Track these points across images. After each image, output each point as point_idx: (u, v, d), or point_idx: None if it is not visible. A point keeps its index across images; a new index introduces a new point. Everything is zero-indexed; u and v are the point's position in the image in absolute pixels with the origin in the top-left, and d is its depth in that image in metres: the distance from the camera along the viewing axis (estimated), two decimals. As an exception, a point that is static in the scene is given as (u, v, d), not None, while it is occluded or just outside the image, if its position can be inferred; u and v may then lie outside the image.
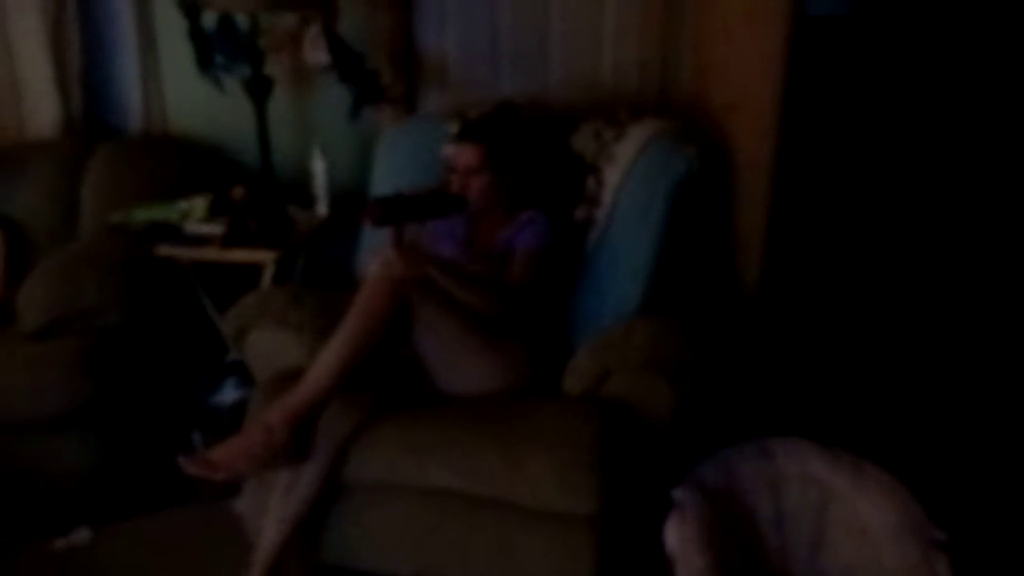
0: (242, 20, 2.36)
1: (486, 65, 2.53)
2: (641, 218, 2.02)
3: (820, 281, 2.18)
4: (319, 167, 2.46)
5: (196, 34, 2.35)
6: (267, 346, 2.01)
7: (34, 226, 2.51)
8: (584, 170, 2.16)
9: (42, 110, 2.66)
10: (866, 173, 2.09)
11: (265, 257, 2.28)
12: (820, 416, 2.04)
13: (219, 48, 2.38)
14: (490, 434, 1.69)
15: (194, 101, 2.64)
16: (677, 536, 1.65)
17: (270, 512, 1.73)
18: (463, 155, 2.02)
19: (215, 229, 2.30)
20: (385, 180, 2.32)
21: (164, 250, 2.29)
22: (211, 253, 2.28)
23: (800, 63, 2.04)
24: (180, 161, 2.61)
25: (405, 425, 1.75)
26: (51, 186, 2.52)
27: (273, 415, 1.68)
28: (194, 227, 2.32)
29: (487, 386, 1.85)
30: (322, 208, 2.49)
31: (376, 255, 1.82)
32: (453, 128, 2.21)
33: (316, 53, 2.39)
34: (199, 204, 2.33)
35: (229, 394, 2.32)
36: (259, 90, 2.40)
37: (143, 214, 2.34)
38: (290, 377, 1.81)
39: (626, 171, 2.08)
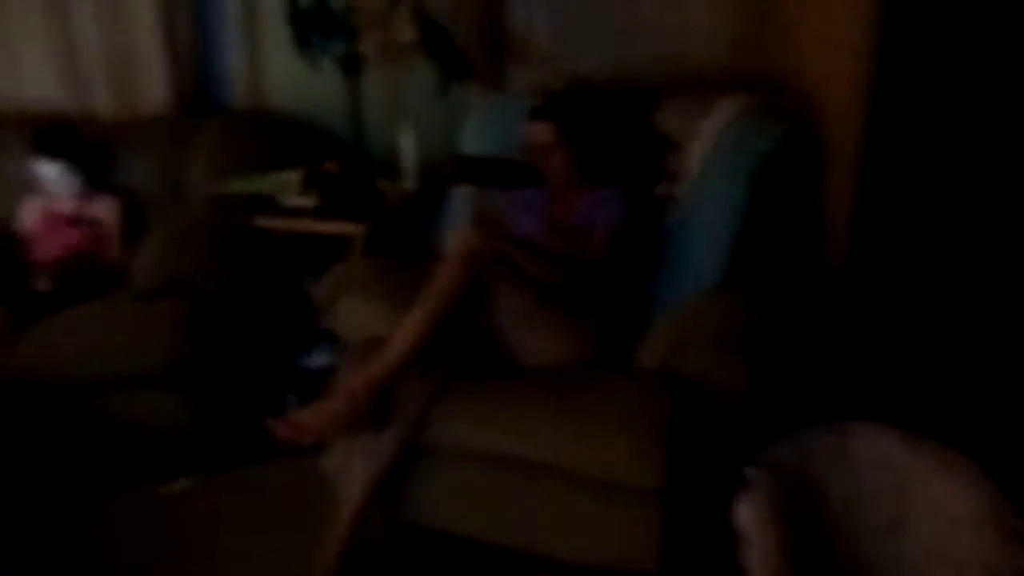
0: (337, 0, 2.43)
1: (574, 41, 2.52)
2: (724, 194, 2.00)
3: (909, 261, 2.10)
4: (408, 143, 2.51)
5: (295, 13, 2.42)
6: (354, 314, 2.09)
7: (147, 195, 2.67)
8: (664, 147, 2.15)
9: (155, 83, 2.82)
10: (959, 153, 2.00)
11: (355, 229, 2.35)
12: (904, 401, 1.99)
13: (315, 27, 2.45)
14: (561, 405, 1.72)
15: (292, 77, 2.73)
16: (748, 514, 1.63)
17: (354, 472, 1.81)
18: (537, 133, 2.07)
19: (308, 201, 2.38)
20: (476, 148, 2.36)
21: (261, 221, 2.40)
22: (304, 224, 2.37)
23: (893, 38, 1.97)
24: (278, 135, 2.72)
25: (479, 395, 1.80)
26: (162, 158, 2.67)
27: (357, 382, 1.76)
28: (289, 199, 2.41)
29: (558, 357, 1.88)
30: (410, 182, 2.54)
31: (455, 232, 1.87)
32: (535, 103, 2.23)
33: (405, 30, 2.44)
34: (293, 177, 2.41)
35: (320, 358, 2.42)
36: (352, 67, 2.47)
37: (241, 186, 2.44)
38: (375, 344, 1.88)
39: (710, 147, 2.07)
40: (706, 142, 2.08)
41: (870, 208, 2.10)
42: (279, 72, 2.81)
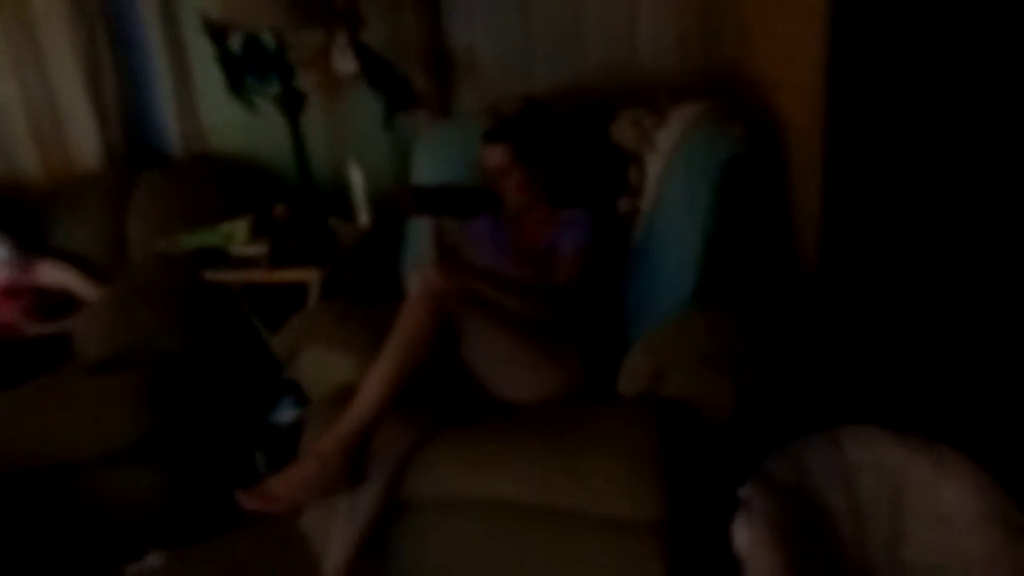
0: (268, 39, 2.38)
1: (519, 57, 2.51)
2: (688, 206, 1.99)
3: (883, 258, 2.11)
4: (357, 178, 2.47)
5: (224, 57, 2.37)
6: (318, 365, 2.04)
7: (88, 258, 2.59)
8: (624, 160, 2.13)
9: (84, 142, 2.76)
10: (926, 141, 2.01)
11: (311, 275, 2.31)
12: (890, 401, 1.99)
13: (249, 68, 2.41)
14: (548, 443, 1.68)
15: (230, 122, 2.69)
16: (746, 536, 1.62)
17: (334, 533, 1.75)
18: (491, 156, 2.05)
19: (259, 250, 2.34)
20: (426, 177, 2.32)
21: (212, 275, 2.34)
22: (257, 275, 2.32)
23: (846, 30, 1.98)
24: (220, 183, 2.66)
25: (461, 439, 1.76)
26: (101, 218, 2.61)
27: (325, 444, 1.70)
28: (239, 249, 2.36)
29: (541, 392, 1.85)
30: (363, 218, 2.50)
31: (416, 273, 1.83)
32: (485, 125, 2.21)
33: (344, 63, 2.39)
34: (240, 226, 2.36)
35: (287, 413, 2.36)
36: (292, 105, 2.43)
37: (188, 240, 2.39)
38: (343, 396, 1.83)
39: (669, 158, 2.05)
40: (665, 153, 2.06)
41: (838, 207, 2.10)
42: (216, 116, 2.77)
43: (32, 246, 2.56)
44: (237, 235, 2.37)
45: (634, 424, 1.69)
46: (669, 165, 2.05)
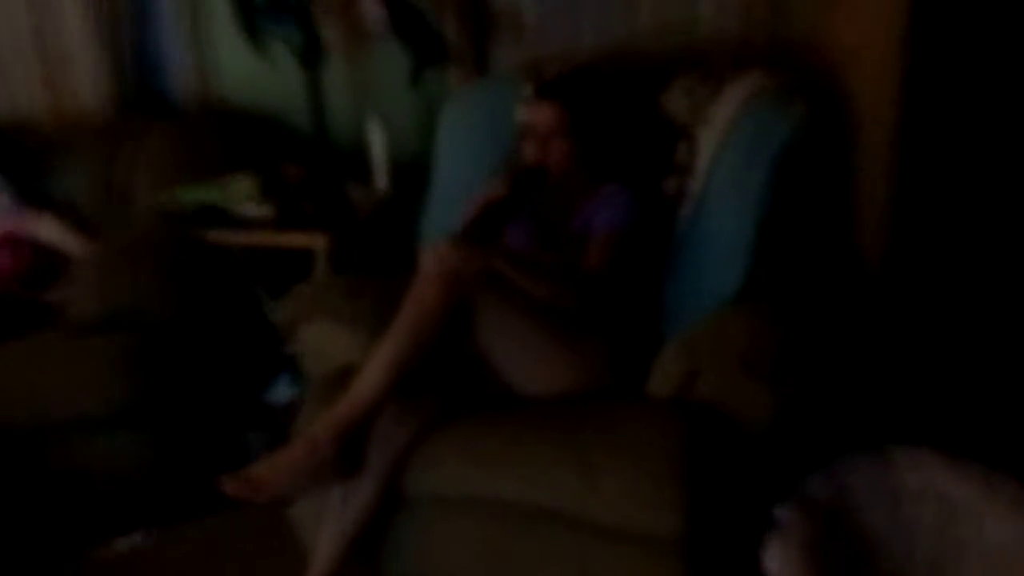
0: None
1: (566, 14, 2.49)
2: (740, 190, 1.98)
3: (957, 258, 2.08)
4: (378, 139, 2.49)
5: None
6: (321, 341, 2.06)
7: (86, 209, 2.64)
8: (674, 135, 2.12)
9: (90, 80, 2.79)
10: (1014, 127, 1.97)
11: (320, 241, 2.33)
12: (949, 421, 1.97)
13: (266, 11, 2.42)
14: (564, 442, 1.69)
15: (246, 71, 2.71)
16: (780, 560, 1.62)
17: (325, 526, 1.79)
18: (541, 114, 2.01)
19: (266, 211, 2.37)
20: (451, 151, 2.33)
21: (213, 235, 2.38)
22: (262, 238, 2.35)
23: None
24: (230, 136, 2.69)
25: (470, 432, 1.77)
26: (102, 166, 2.65)
27: (319, 428, 1.72)
28: (244, 209, 2.39)
29: (560, 386, 1.86)
30: (382, 183, 2.52)
31: (429, 247, 1.83)
32: (527, 88, 2.19)
33: (371, 11, 2.41)
34: (247, 183, 2.40)
35: (284, 391, 2.41)
36: (311, 56, 2.45)
37: (189, 195, 2.43)
38: (345, 377, 1.85)
39: (723, 135, 2.04)
40: (719, 129, 2.05)
41: (910, 199, 2.09)
42: (231, 65, 2.79)
43: (34, 196, 2.62)
44: (243, 192, 2.41)
45: (659, 427, 1.69)
46: (722, 143, 2.04)
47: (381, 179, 2.52)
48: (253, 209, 2.39)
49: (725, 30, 2.35)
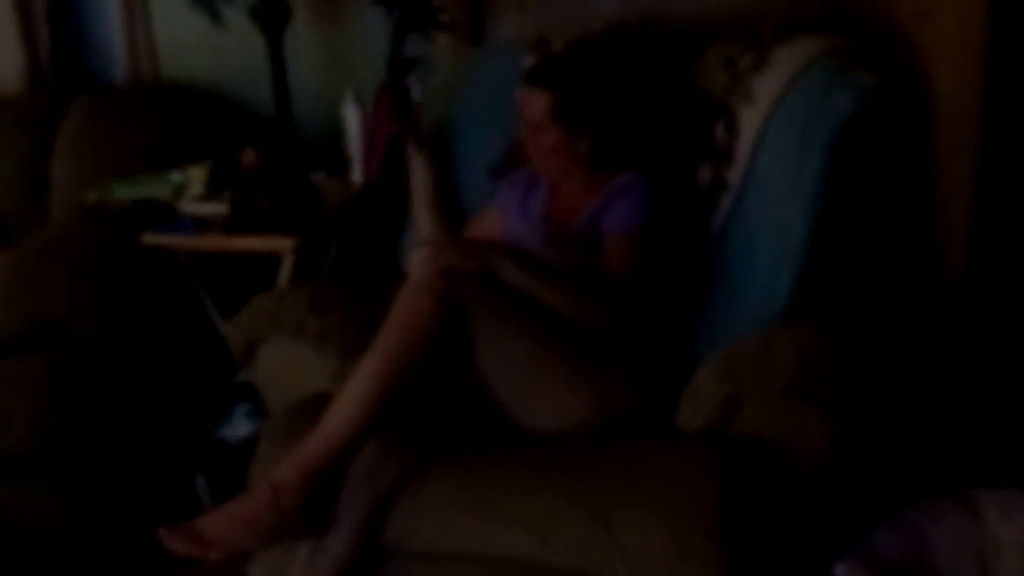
0: None
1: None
2: (790, 180, 1.97)
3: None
4: (353, 119, 2.50)
5: None
6: (281, 364, 2.07)
7: (5, 209, 2.67)
8: (710, 113, 2.12)
9: (3, 58, 2.81)
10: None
11: (283, 245, 2.33)
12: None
13: None
14: (575, 489, 1.68)
15: (192, 40, 2.75)
16: (840, 627, 1.61)
17: (289, 587, 1.77)
18: (528, 104, 2.03)
19: (217, 208, 2.37)
20: (442, 134, 2.35)
21: (151, 238, 2.37)
22: (212, 241, 2.35)
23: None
24: (174, 117, 2.72)
25: (463, 475, 1.76)
26: (15, 154, 2.67)
27: (283, 472, 1.70)
28: (191, 206, 2.40)
29: (573, 420, 1.85)
30: (358, 173, 2.53)
31: (419, 248, 1.83)
32: (528, 62, 2.21)
33: None
34: (196, 175, 2.41)
35: (240, 426, 2.39)
36: (273, 19, 2.47)
37: (125, 190, 2.43)
38: (312, 408, 1.84)
39: (769, 113, 2.05)
40: (764, 106, 2.06)
41: (997, 193, 2.09)
42: (174, 32, 2.82)
43: None
44: (191, 187, 2.42)
45: (691, 469, 1.68)
46: (768, 123, 2.04)
47: (357, 168, 2.53)
48: (202, 206, 2.40)
49: None
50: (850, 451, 1.71)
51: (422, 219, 2.19)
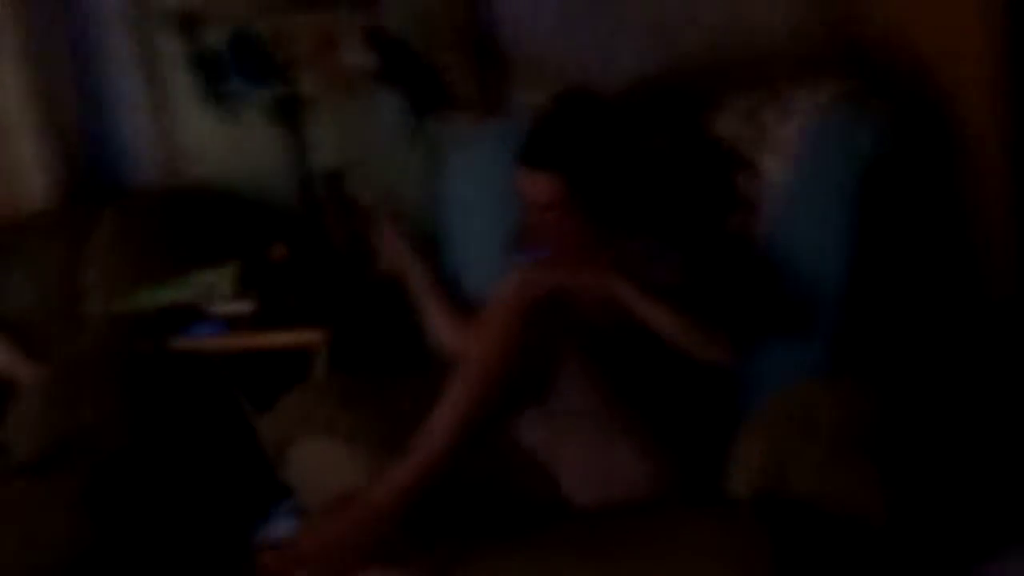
0: (257, 31, 2.46)
1: (596, 35, 2.51)
2: (821, 221, 1.96)
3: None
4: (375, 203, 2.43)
5: (199, 57, 2.46)
6: (313, 463, 2.04)
7: (36, 320, 2.66)
8: (731, 165, 2.09)
9: (33, 174, 2.85)
10: None
11: (313, 338, 2.32)
12: None
13: (235, 69, 2.48)
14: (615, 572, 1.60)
15: (215, 144, 2.79)
16: None
17: None
18: (531, 188, 1.92)
19: (245, 307, 2.38)
20: (458, 211, 2.33)
21: (179, 343, 2.39)
22: (240, 340, 2.37)
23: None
24: (201, 220, 2.74)
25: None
26: (50, 267, 2.69)
27: (377, 494, 1.67)
28: (220, 306, 2.40)
29: (624, 492, 1.78)
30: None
31: (508, 276, 1.81)
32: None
33: (357, 56, 2.45)
34: (224, 276, 2.41)
35: (281, 526, 2.31)
36: (292, 113, 2.50)
37: (152, 298, 2.44)
38: (346, 502, 1.75)
39: (793, 161, 2.02)
40: (786, 154, 2.03)
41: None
42: (198, 137, 2.85)
43: None
44: (219, 287, 2.42)
45: (739, 544, 1.58)
46: (792, 170, 2.02)
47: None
48: (230, 306, 2.40)
49: (787, 38, 2.34)
50: (908, 505, 1.62)
51: (430, 315, 2.15)
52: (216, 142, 2.76)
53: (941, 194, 2.11)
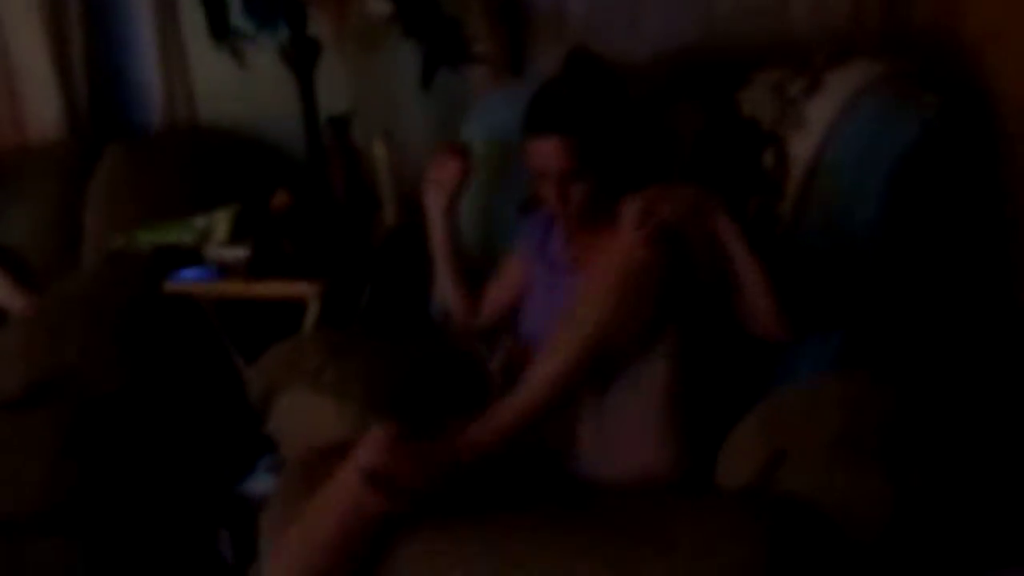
0: None
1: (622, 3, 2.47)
2: (849, 210, 1.91)
3: None
4: (382, 157, 2.47)
5: None
6: (298, 415, 2.02)
7: (34, 254, 2.69)
8: (757, 142, 2.04)
9: (41, 105, 2.87)
10: None
11: (307, 290, 2.30)
12: None
13: (247, 8, 2.45)
14: (600, 556, 1.54)
15: (228, 84, 2.77)
16: None
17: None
18: (542, 155, 1.87)
19: (241, 253, 2.35)
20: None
21: (170, 286, 2.37)
22: (232, 287, 2.33)
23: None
24: (208, 162, 2.75)
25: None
26: (49, 201, 2.71)
27: (478, 432, 1.67)
28: (216, 251, 2.38)
29: (640, 477, 1.74)
30: (389, 214, 2.51)
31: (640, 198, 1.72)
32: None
33: (374, 4, 2.42)
34: (221, 219, 2.39)
35: (263, 481, 2.33)
36: (303, 57, 2.47)
37: (149, 237, 2.44)
38: (330, 457, 1.75)
39: (823, 141, 1.97)
40: (817, 133, 1.98)
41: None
42: (209, 78, 2.87)
43: None
44: (216, 231, 2.40)
45: (733, 537, 1.52)
46: (821, 151, 1.97)
47: (388, 208, 2.50)
48: (226, 251, 2.37)
49: (828, 15, 2.31)
50: (911, 513, 1.56)
51: (443, 276, 2.15)
52: (227, 85, 2.77)
53: (981, 188, 2.07)
